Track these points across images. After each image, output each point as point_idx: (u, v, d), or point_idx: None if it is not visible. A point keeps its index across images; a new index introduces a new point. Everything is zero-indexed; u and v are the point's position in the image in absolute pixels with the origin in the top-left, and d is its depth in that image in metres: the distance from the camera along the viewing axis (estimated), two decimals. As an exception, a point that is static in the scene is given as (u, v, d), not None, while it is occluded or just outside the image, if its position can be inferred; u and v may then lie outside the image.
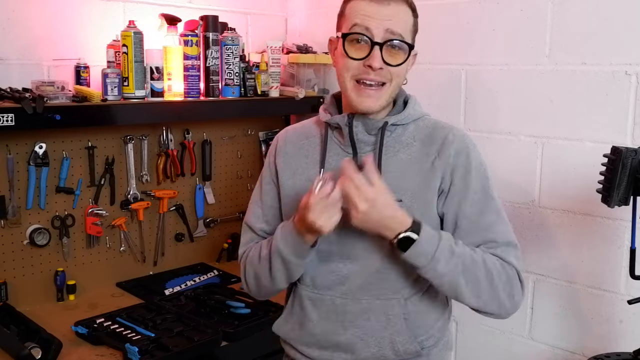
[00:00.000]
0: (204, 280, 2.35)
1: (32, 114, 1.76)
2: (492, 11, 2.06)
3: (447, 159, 1.34)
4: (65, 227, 2.13)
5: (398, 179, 1.34)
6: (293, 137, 1.49)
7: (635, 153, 1.43)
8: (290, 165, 1.45)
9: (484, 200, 1.35)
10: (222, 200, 2.60)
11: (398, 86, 1.36)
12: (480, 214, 1.34)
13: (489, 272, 1.29)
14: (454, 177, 1.34)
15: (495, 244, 1.33)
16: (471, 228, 1.34)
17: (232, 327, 1.89)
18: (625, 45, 1.78)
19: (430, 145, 1.36)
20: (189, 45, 2.21)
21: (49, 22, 2.06)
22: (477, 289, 1.29)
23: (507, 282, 1.31)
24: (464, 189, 1.34)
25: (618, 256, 1.84)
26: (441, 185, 1.34)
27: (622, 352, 1.64)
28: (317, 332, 1.40)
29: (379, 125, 1.36)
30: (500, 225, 1.35)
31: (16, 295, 2.03)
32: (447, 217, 1.35)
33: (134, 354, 1.67)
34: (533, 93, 1.99)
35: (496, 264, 1.31)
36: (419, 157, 1.36)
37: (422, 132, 1.39)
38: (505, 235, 1.35)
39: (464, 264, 1.27)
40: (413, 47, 1.34)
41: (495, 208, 1.35)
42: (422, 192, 1.34)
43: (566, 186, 1.93)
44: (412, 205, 1.32)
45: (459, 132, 1.39)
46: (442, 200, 1.35)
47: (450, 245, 1.27)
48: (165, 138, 2.36)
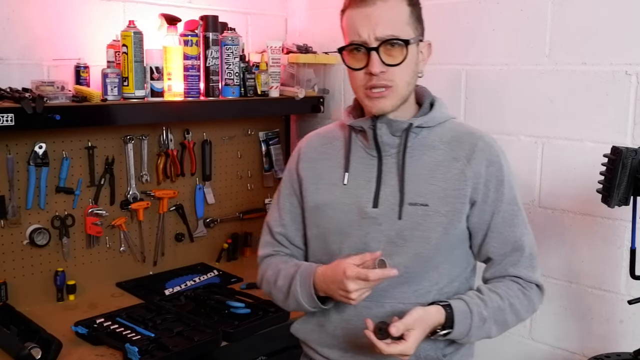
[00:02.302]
0: (204, 280, 2.35)
1: (32, 114, 1.76)
2: (492, 11, 2.06)
3: (479, 168, 1.33)
4: (65, 227, 2.13)
5: (423, 182, 1.33)
6: (316, 143, 1.49)
7: (635, 153, 1.43)
8: (315, 170, 1.45)
9: (514, 212, 1.36)
10: (222, 200, 2.60)
11: (409, 83, 1.33)
12: (511, 226, 1.36)
13: (515, 310, 1.35)
14: (488, 189, 1.34)
15: (521, 257, 1.36)
16: (501, 240, 1.36)
17: (232, 327, 1.88)
18: (625, 45, 1.78)
19: (458, 149, 1.35)
20: (189, 45, 2.21)
21: (49, 22, 2.06)
22: (505, 327, 1.36)
23: (529, 305, 1.37)
24: (497, 201, 1.35)
25: (618, 256, 1.84)
26: (472, 196, 1.33)
27: (622, 352, 1.64)
28: (338, 335, 1.40)
29: (404, 127, 1.34)
30: (527, 237, 1.38)
31: (16, 295, 2.03)
32: (478, 228, 1.36)
33: (134, 354, 1.67)
34: (533, 93, 1.99)
35: (520, 296, 1.35)
36: (446, 161, 1.34)
37: (448, 135, 1.37)
38: (531, 248, 1.38)
39: (494, 321, 1.32)
40: (409, 41, 1.28)
41: (523, 219, 1.38)
42: (450, 197, 1.32)
43: (566, 186, 1.93)
44: (439, 209, 1.32)
45: (489, 139, 1.37)
46: (475, 212, 1.35)
47: (480, 314, 1.30)
48: (165, 138, 2.36)
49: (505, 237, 1.35)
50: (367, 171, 1.38)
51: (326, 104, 2.62)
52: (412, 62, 1.31)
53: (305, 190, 1.44)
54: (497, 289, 1.35)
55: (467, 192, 1.32)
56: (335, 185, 1.40)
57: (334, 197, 1.39)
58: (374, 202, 1.35)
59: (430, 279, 1.35)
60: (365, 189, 1.36)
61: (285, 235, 1.51)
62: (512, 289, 1.35)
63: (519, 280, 1.36)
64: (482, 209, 1.34)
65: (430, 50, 1.38)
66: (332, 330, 1.41)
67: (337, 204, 1.39)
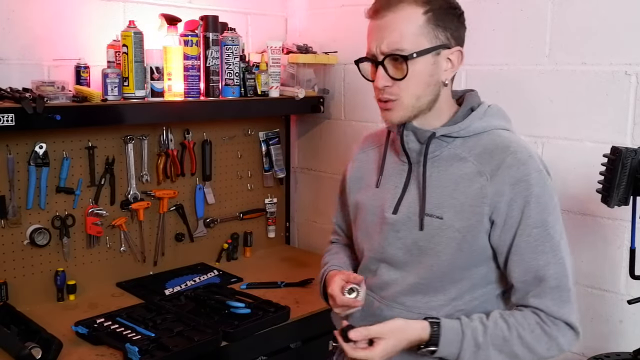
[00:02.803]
0: (204, 280, 2.35)
1: (32, 114, 1.76)
2: (492, 11, 2.06)
3: (502, 186, 1.24)
4: (66, 227, 2.13)
5: (443, 195, 1.30)
6: (366, 144, 1.54)
7: (635, 153, 1.43)
8: (359, 170, 1.50)
9: (540, 237, 1.25)
10: (222, 200, 2.60)
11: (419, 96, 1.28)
12: (535, 252, 1.25)
13: (526, 344, 1.25)
14: (511, 209, 1.25)
15: (543, 289, 1.25)
16: (523, 266, 1.26)
17: (232, 327, 1.88)
18: (625, 45, 1.79)
19: (486, 164, 1.27)
20: (189, 45, 2.21)
21: (49, 22, 2.06)
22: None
23: (549, 342, 1.25)
24: (521, 222, 1.25)
25: (618, 256, 1.84)
26: (492, 215, 1.26)
27: (622, 352, 1.65)
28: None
29: (427, 135, 1.30)
30: (554, 267, 1.25)
31: (16, 295, 2.03)
32: (501, 249, 1.28)
33: (134, 354, 1.67)
34: (533, 93, 1.99)
35: (535, 330, 1.25)
36: (471, 174, 1.28)
37: (480, 148, 1.29)
38: (558, 280, 1.25)
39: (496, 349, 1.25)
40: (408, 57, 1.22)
41: (552, 247, 1.25)
42: (467, 212, 1.27)
43: (566, 186, 1.93)
44: (453, 224, 1.28)
45: (523, 155, 1.26)
46: (497, 231, 1.27)
47: (475, 339, 1.24)
48: (165, 138, 2.36)
49: (527, 264, 1.25)
50: (397, 176, 1.38)
51: (326, 104, 2.62)
52: (422, 75, 1.26)
53: (349, 189, 1.51)
54: (509, 317, 1.27)
55: (485, 210, 1.25)
56: (370, 187, 1.44)
57: (367, 199, 1.44)
58: (395, 208, 1.35)
59: (447, 294, 1.32)
60: (391, 194, 1.37)
61: (340, 226, 1.62)
62: (528, 320, 1.26)
63: (540, 313, 1.25)
64: (503, 229, 1.26)
65: (462, 57, 1.31)
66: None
67: (368, 205, 1.43)
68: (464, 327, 1.25)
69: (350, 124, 2.60)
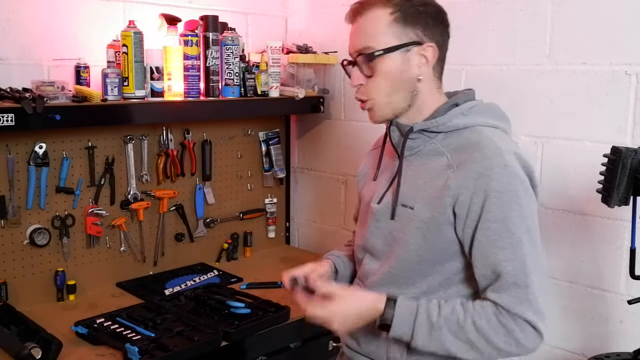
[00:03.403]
0: (204, 280, 2.35)
1: (32, 114, 1.76)
2: (492, 11, 2.06)
3: (465, 179, 1.26)
4: (65, 227, 2.13)
5: (417, 187, 1.35)
6: (375, 143, 1.62)
7: (635, 153, 1.43)
8: (366, 166, 1.59)
9: (499, 233, 1.24)
10: (222, 200, 2.60)
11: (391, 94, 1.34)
12: (494, 247, 1.25)
13: (482, 331, 1.24)
14: (472, 202, 1.26)
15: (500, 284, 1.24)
16: (482, 260, 1.27)
17: (232, 327, 1.88)
18: (625, 45, 1.78)
19: (456, 158, 1.30)
20: (189, 45, 2.21)
21: (49, 22, 2.06)
22: (473, 351, 1.25)
23: (506, 334, 1.23)
24: (481, 216, 1.25)
25: (618, 256, 1.84)
26: (455, 207, 1.28)
27: (622, 352, 1.64)
28: None
29: (406, 129, 1.38)
30: (512, 263, 1.23)
31: (16, 295, 2.03)
32: (465, 244, 1.30)
33: (134, 354, 1.67)
34: (533, 93, 1.99)
35: (491, 319, 1.24)
36: (441, 168, 1.32)
37: (457, 143, 1.32)
38: (516, 277, 1.23)
39: (450, 333, 1.24)
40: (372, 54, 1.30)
41: (513, 244, 1.24)
42: (432, 204, 1.31)
43: (566, 186, 1.93)
44: (420, 214, 1.32)
45: (490, 151, 1.27)
46: (460, 224, 1.28)
47: (429, 318, 1.25)
48: (165, 138, 2.36)
49: (486, 258, 1.26)
50: (389, 170, 1.45)
51: (326, 104, 2.62)
52: (391, 72, 1.32)
53: (358, 184, 1.61)
54: (467, 304, 1.27)
55: (447, 202, 1.28)
56: (370, 180, 1.53)
57: (365, 191, 1.53)
58: (380, 199, 1.42)
59: (417, 287, 1.35)
60: (382, 186, 1.44)
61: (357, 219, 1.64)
62: (485, 310, 1.25)
63: (497, 306, 1.24)
64: (465, 223, 1.28)
65: (436, 52, 1.34)
66: None
67: (365, 197, 1.52)
68: (420, 307, 1.27)
69: (350, 124, 2.60)
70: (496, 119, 1.38)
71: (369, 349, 1.42)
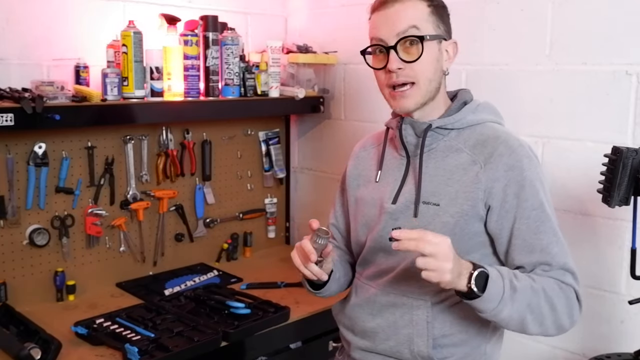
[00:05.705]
0: (204, 280, 2.35)
1: (31, 114, 1.76)
2: (492, 11, 2.06)
3: (496, 172, 1.31)
4: (65, 227, 2.13)
5: (440, 184, 1.35)
6: (367, 143, 1.59)
7: (635, 153, 1.43)
8: (358, 168, 1.56)
9: (540, 219, 1.31)
10: (222, 200, 2.60)
11: (430, 80, 1.35)
12: (537, 233, 1.31)
13: (550, 298, 1.27)
14: (506, 194, 1.31)
15: (550, 267, 1.30)
16: (526, 248, 1.31)
17: (232, 327, 1.88)
18: (625, 45, 1.78)
19: (479, 154, 1.34)
20: (189, 45, 2.21)
21: (49, 22, 2.06)
22: (540, 319, 1.27)
23: (566, 304, 1.29)
24: (518, 206, 1.31)
25: (619, 256, 1.84)
26: (488, 200, 1.32)
27: (623, 353, 1.64)
28: (352, 316, 1.49)
29: (424, 127, 1.37)
30: (557, 246, 1.32)
31: (16, 296, 2.03)
32: (501, 235, 1.33)
33: (134, 354, 1.67)
34: (533, 93, 1.99)
35: (554, 287, 1.28)
36: (465, 164, 1.35)
37: (474, 139, 1.37)
38: (562, 258, 1.31)
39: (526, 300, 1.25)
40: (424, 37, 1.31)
41: (551, 227, 1.32)
42: (460, 198, 1.33)
43: (566, 186, 1.92)
44: (448, 210, 1.33)
45: (514, 144, 1.34)
46: (493, 217, 1.32)
47: (511, 281, 1.24)
48: (165, 138, 2.36)
49: (531, 245, 1.31)
50: (396, 170, 1.44)
51: (326, 104, 2.62)
52: (432, 59, 1.34)
53: (348, 186, 1.57)
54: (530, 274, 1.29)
55: (479, 195, 1.32)
56: (370, 182, 1.50)
57: (367, 193, 1.50)
58: (394, 199, 1.41)
59: None
60: (391, 187, 1.43)
61: (336, 227, 1.64)
62: (547, 280, 1.28)
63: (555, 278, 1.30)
64: (500, 215, 1.32)
65: (457, 49, 1.40)
66: (349, 312, 1.50)
67: (368, 199, 1.49)
68: (501, 271, 1.24)
69: (350, 124, 2.60)
70: (498, 115, 1.46)
71: (386, 345, 1.41)
